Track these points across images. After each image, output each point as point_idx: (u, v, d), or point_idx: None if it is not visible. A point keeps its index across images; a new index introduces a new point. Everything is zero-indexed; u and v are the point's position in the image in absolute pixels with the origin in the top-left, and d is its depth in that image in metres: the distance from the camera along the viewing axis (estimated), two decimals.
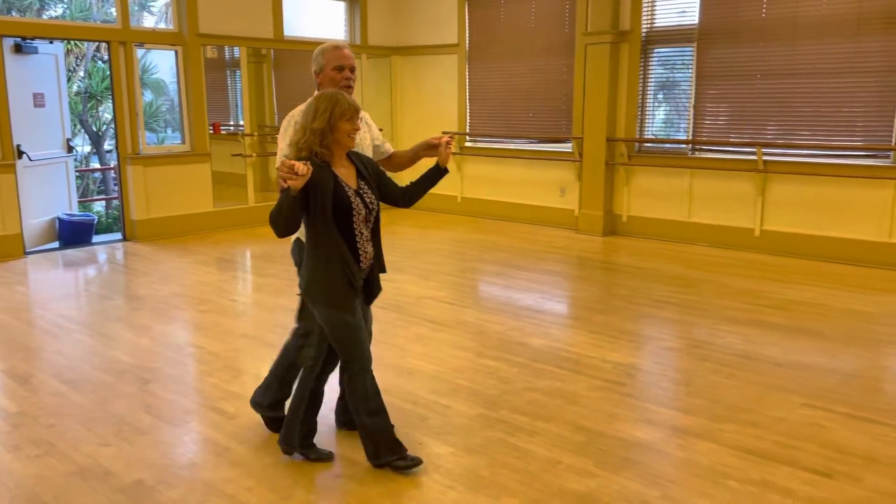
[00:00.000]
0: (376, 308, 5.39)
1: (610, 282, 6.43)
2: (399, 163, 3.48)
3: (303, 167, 2.71)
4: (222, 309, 5.49)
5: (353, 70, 3.20)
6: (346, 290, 2.94)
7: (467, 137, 9.58)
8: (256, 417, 3.55)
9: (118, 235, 8.27)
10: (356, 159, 3.04)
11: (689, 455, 3.20)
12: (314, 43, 9.44)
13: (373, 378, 3.09)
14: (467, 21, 9.27)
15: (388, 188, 3.14)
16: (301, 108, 3.10)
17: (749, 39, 7.13)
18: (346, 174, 2.96)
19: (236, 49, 9.06)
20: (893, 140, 6.42)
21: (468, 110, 9.47)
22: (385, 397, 3.81)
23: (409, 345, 4.66)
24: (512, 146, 9.15)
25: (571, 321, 5.36)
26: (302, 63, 10.61)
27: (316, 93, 3.13)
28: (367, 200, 3.00)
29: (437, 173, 3.20)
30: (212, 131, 8.63)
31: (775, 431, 3.41)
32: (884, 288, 5.92)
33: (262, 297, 5.85)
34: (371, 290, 3.16)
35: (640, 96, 7.98)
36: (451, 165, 3.31)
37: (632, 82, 7.94)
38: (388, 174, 3.24)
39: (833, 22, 6.61)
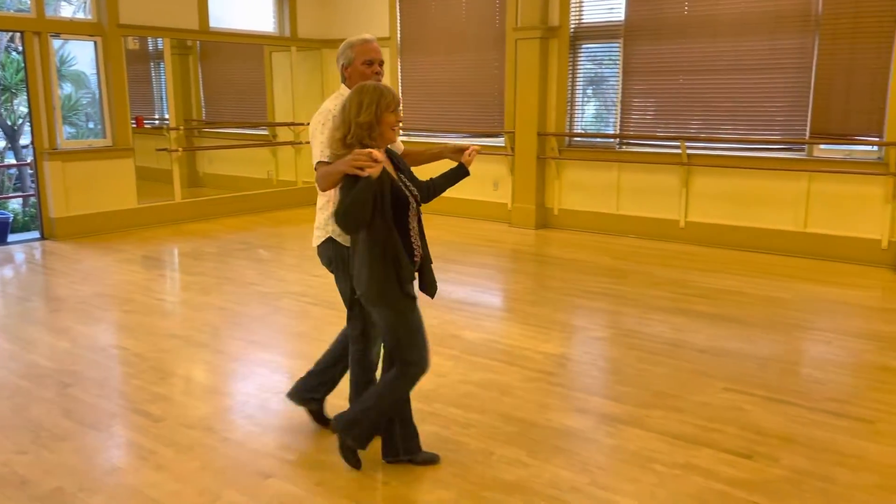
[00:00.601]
0: (308, 306, 5.36)
1: (542, 274, 6.53)
2: (415, 160, 3.37)
3: (380, 153, 2.63)
4: (148, 309, 5.33)
5: (381, 64, 3.13)
6: (405, 288, 2.84)
7: (400, 131, 9.52)
8: (185, 419, 3.46)
9: (36, 234, 7.91)
10: (388, 153, 2.96)
11: (618, 442, 3.29)
12: (242, 35, 9.34)
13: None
14: (398, 14, 9.23)
15: (414, 182, 3.06)
16: (330, 104, 3.03)
17: (672, 36, 7.33)
18: (389, 168, 2.87)
19: (160, 40, 8.77)
20: (807, 134, 6.72)
21: (401, 104, 9.41)
22: None
23: None
24: (445, 140, 9.17)
25: (505, 313, 5.42)
26: (231, 55, 10.40)
27: (343, 87, 3.10)
28: (413, 193, 2.94)
29: (461, 174, 3.17)
30: (135, 125, 8.34)
31: (699, 416, 3.53)
32: (799, 275, 6.20)
33: (190, 296, 5.70)
34: (430, 284, 3.02)
35: (570, 91, 8.11)
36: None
37: (561, 77, 8.07)
38: None
39: (751, 20, 6.86)
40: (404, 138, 9.59)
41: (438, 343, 4.55)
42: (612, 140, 7.97)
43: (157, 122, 9.86)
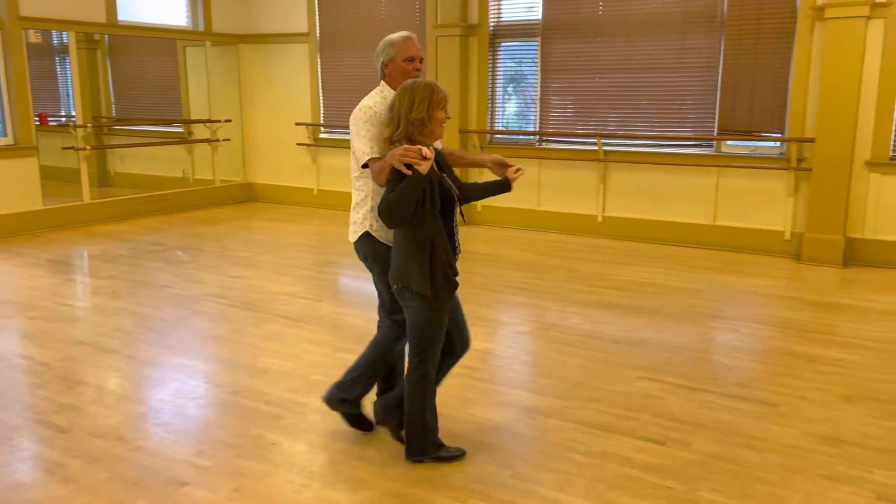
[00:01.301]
0: (227, 308, 5.22)
1: (465, 270, 6.52)
2: (454, 161, 3.31)
3: (429, 151, 2.65)
4: (55, 315, 5.07)
5: (421, 61, 3.13)
6: (448, 284, 2.86)
7: (321, 129, 9.42)
8: (94, 429, 3.32)
9: None
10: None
11: (538, 433, 3.34)
12: (152, 29, 9.01)
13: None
14: (317, 9, 9.10)
15: (454, 181, 3.02)
16: (371, 101, 3.03)
17: (588, 35, 7.50)
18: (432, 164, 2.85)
19: (65, 34, 8.36)
20: (716, 131, 7.01)
21: (322, 101, 9.31)
22: (236, 399, 3.71)
23: (262, 343, 4.52)
24: None
25: None
26: (142, 50, 10.02)
27: (382, 84, 3.11)
28: (455, 192, 2.93)
29: (503, 188, 3.17)
30: (38, 123, 7.92)
31: (615, 405, 3.63)
32: (710, 267, 6.46)
33: (100, 301, 5.46)
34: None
35: (490, 89, 8.19)
36: (305, 157, 3.24)
37: (482, 75, 8.14)
38: None
39: (661, 20, 7.09)
40: (325, 136, 9.51)
41: (362, 342, 4.48)
42: (532, 137, 8.09)
43: (63, 119, 9.40)
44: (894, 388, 3.83)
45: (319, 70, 9.21)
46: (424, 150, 2.66)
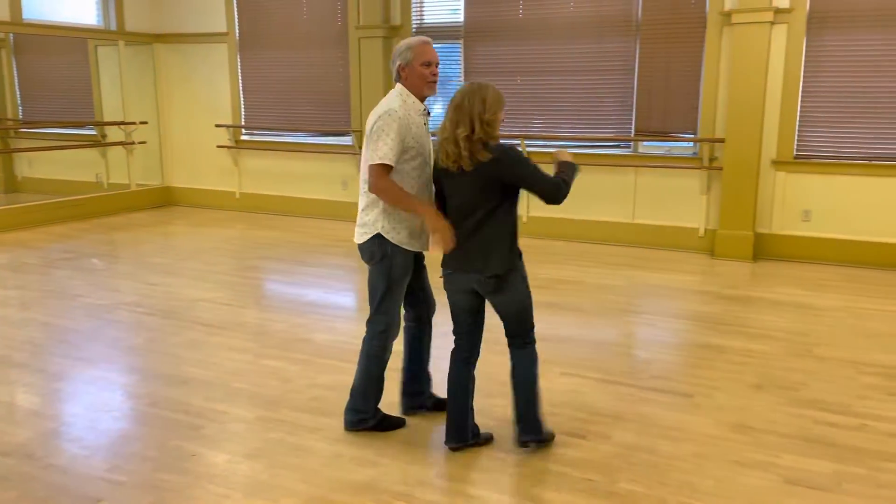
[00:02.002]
0: (144, 316, 5.05)
1: None
2: None
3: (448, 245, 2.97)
4: None
5: (438, 65, 3.16)
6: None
7: (243, 131, 9.23)
8: (1, 447, 3.16)
9: None
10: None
11: None
12: (59, 27, 8.62)
13: None
14: (236, 9, 8.91)
15: None
16: (393, 104, 3.04)
17: (510, 38, 7.61)
18: None
19: None
20: (633, 132, 7.22)
21: (242, 102, 9.12)
22: (154, 410, 3.60)
23: (182, 352, 4.39)
24: (291, 139, 8.98)
25: (357, 314, 5.38)
26: (50, 49, 9.56)
27: (398, 86, 3.12)
28: None
29: None
30: None
31: None
32: (629, 264, 6.65)
33: (7, 312, 5.19)
34: None
35: None
36: (226, 160, 3.17)
37: None
38: None
39: (579, 24, 7.26)
40: (246, 138, 9.33)
41: (286, 348, 4.45)
42: None
43: None
44: (800, 376, 4.04)
45: (240, 71, 9.02)
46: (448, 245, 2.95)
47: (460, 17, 7.82)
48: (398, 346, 3.38)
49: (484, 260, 2.96)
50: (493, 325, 3.22)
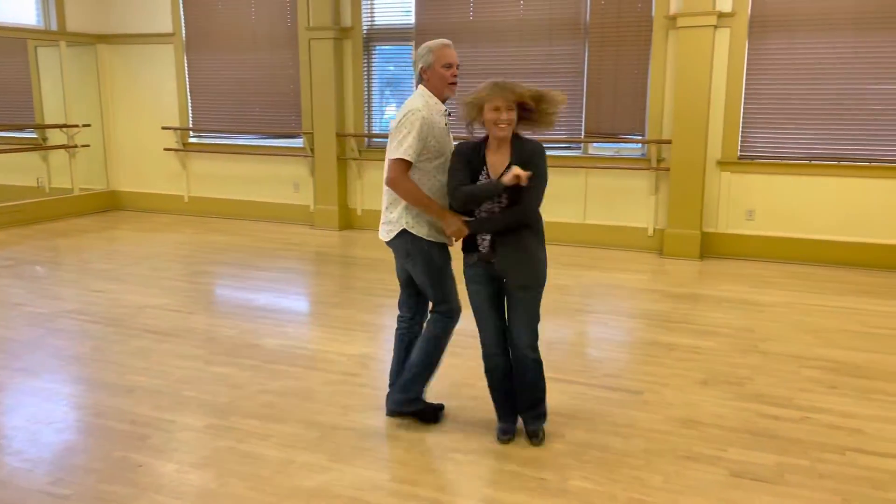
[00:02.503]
0: (88, 325, 4.91)
1: (346, 275, 6.51)
2: None
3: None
4: None
5: (458, 67, 3.27)
6: None
7: (191, 133, 9.06)
8: None
9: None
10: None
11: (418, 435, 3.36)
12: None
13: None
14: (182, 9, 8.74)
15: None
16: (417, 103, 3.12)
17: (460, 40, 7.63)
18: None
19: None
20: (583, 133, 7.32)
21: (190, 104, 8.94)
22: (99, 421, 3.50)
23: (128, 360, 4.28)
24: (241, 142, 8.84)
25: (307, 318, 5.33)
26: None
27: (421, 87, 3.22)
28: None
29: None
30: None
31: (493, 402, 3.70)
32: (581, 264, 6.74)
33: None
34: None
35: (367, 92, 8.17)
36: (174, 163, 3.10)
37: (357, 78, 8.10)
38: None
39: (529, 27, 7.33)
40: (194, 140, 9.16)
41: (236, 354, 4.38)
42: None
43: None
44: (745, 371, 4.15)
45: (187, 72, 8.85)
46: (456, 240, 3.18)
47: (411, 20, 7.81)
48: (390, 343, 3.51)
49: (539, 268, 3.18)
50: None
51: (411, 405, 3.40)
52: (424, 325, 3.41)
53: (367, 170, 8.30)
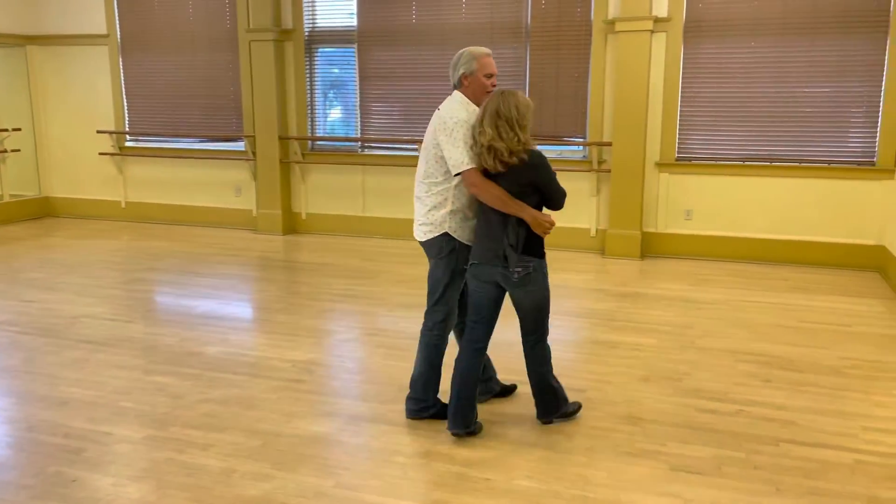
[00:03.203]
0: (19, 336, 4.73)
1: (291, 280, 6.43)
2: None
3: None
4: None
5: (495, 76, 3.36)
6: None
7: (127, 137, 8.81)
8: None
9: None
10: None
11: (363, 440, 3.34)
12: None
13: None
14: (116, 9, 8.50)
15: None
16: (460, 113, 3.24)
17: (404, 43, 7.63)
18: None
19: None
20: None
21: (126, 107, 8.70)
22: (31, 435, 3.38)
23: (61, 371, 4.13)
24: (180, 145, 8.65)
25: (250, 324, 5.25)
26: None
27: (457, 93, 3.35)
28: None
29: None
30: None
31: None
32: None
33: None
34: None
35: (309, 95, 8.09)
36: (110, 167, 3.00)
37: (299, 81, 8.01)
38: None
39: (471, 30, 7.37)
40: (131, 144, 8.92)
41: (176, 363, 4.28)
42: (354, 143, 8.09)
43: None
44: (684, 367, 4.25)
45: (122, 74, 8.61)
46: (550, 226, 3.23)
47: (354, 22, 7.77)
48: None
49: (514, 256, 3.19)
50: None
51: (428, 411, 3.52)
52: (421, 332, 3.50)
53: (310, 173, 8.22)
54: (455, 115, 3.25)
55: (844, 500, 2.84)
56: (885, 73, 6.29)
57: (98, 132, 8.73)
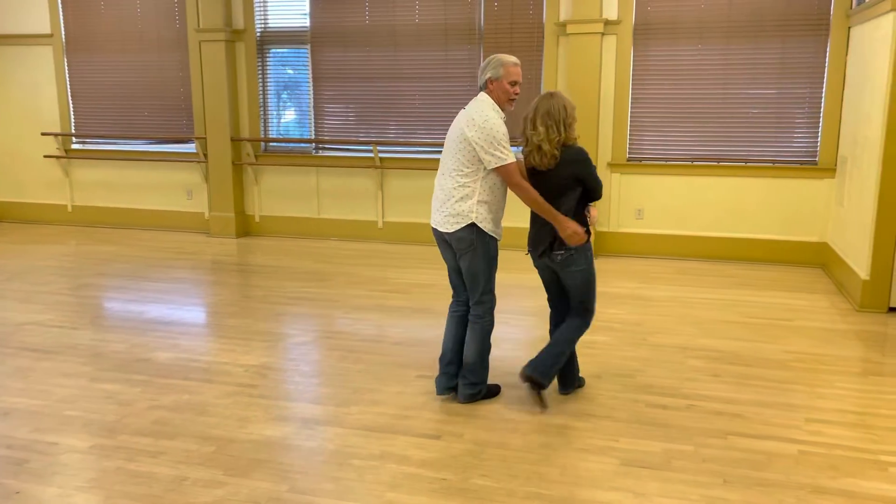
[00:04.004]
0: None
1: (244, 283, 6.34)
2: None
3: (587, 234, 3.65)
4: None
5: (519, 85, 3.58)
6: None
7: (73, 139, 8.58)
8: None
9: None
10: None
11: (318, 443, 3.32)
12: None
13: None
14: (61, 8, 8.27)
15: None
16: (494, 115, 3.46)
17: (357, 44, 7.60)
18: None
19: None
20: None
21: (72, 109, 8.47)
22: None
23: (3, 381, 4.01)
24: (129, 147, 8.46)
25: (202, 329, 5.16)
26: None
27: (483, 94, 3.55)
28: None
29: None
30: None
31: (395, 405, 3.71)
32: None
33: None
34: None
35: (262, 96, 7.99)
36: (55, 170, 2.92)
37: (251, 81, 7.92)
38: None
39: (425, 32, 7.39)
40: (78, 147, 8.69)
41: (125, 370, 4.19)
42: (308, 145, 8.02)
43: None
44: (635, 363, 4.33)
45: (67, 75, 8.38)
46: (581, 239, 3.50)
47: (307, 22, 7.71)
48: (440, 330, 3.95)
49: (558, 240, 3.54)
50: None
51: (482, 393, 3.75)
52: (470, 321, 3.71)
53: (264, 175, 8.12)
54: (487, 114, 3.47)
55: (789, 490, 2.93)
56: (825, 75, 6.51)
57: (43, 134, 8.49)
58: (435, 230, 3.71)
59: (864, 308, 5.39)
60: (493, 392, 3.84)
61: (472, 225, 3.53)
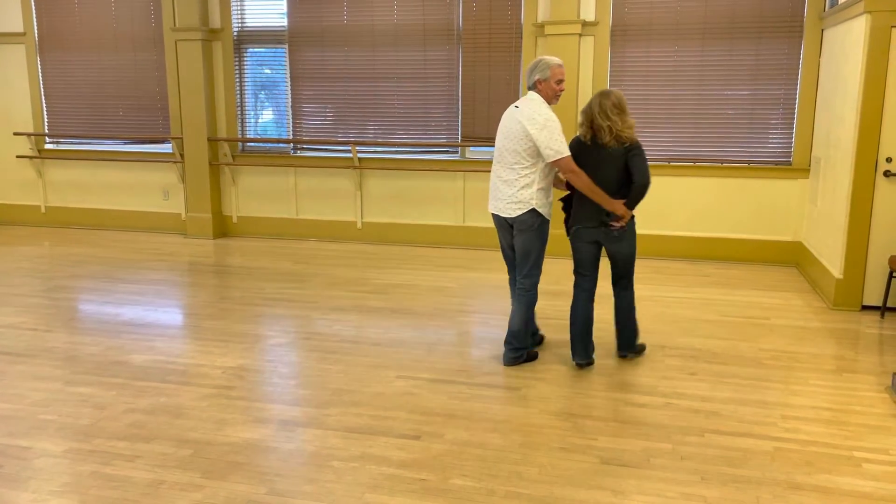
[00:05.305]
0: None
1: (221, 285, 6.29)
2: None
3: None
4: None
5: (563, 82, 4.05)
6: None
7: (46, 139, 8.45)
8: None
9: None
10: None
11: (296, 445, 3.30)
12: None
13: None
14: (33, 6, 8.15)
15: None
16: (548, 111, 3.95)
17: (336, 44, 7.57)
18: None
19: None
20: (459, 137, 7.44)
21: (45, 108, 8.35)
22: None
23: None
24: (104, 148, 8.35)
25: (179, 331, 5.10)
26: None
27: (532, 93, 4.04)
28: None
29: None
30: None
31: (374, 406, 3.70)
32: (461, 265, 6.85)
33: None
34: None
35: (239, 96, 7.93)
36: (28, 171, 2.87)
37: (228, 81, 7.85)
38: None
39: (404, 32, 7.38)
40: (51, 147, 8.56)
41: (100, 373, 4.13)
42: (285, 145, 7.97)
43: None
44: (613, 362, 4.35)
45: (41, 74, 8.26)
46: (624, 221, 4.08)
47: (284, 22, 7.66)
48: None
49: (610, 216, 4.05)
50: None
51: (524, 356, 4.28)
52: (517, 294, 4.21)
53: (241, 175, 8.06)
54: (542, 111, 3.94)
55: (765, 487, 2.97)
56: (799, 76, 6.60)
57: (15, 134, 8.35)
58: (495, 216, 4.19)
59: (837, 306, 5.48)
60: (531, 357, 4.34)
61: (533, 210, 4.01)
